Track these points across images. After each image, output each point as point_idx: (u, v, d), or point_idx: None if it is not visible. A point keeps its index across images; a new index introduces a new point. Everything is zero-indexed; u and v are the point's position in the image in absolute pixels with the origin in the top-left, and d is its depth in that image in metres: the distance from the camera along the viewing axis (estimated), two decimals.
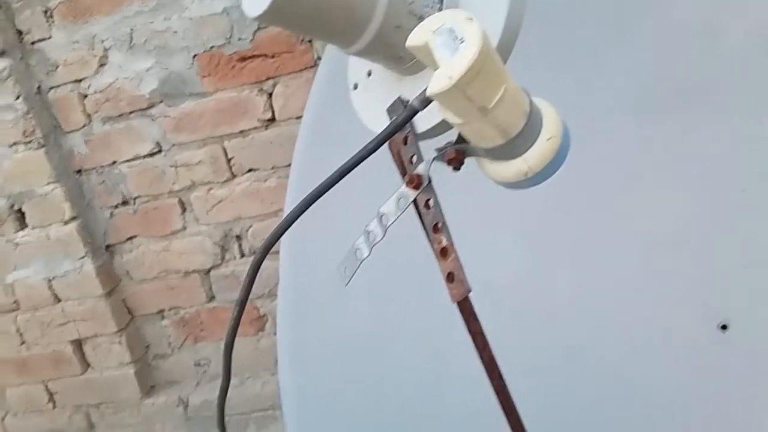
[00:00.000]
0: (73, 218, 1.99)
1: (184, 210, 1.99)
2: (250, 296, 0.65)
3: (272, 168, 1.90)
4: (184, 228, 2.01)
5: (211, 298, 2.08)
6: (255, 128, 1.87)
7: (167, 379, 2.19)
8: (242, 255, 2.02)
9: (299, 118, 1.71)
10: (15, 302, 2.12)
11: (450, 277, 0.58)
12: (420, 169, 0.61)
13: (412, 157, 0.62)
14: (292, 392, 1.29)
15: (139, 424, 2.14)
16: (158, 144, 1.93)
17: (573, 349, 1.01)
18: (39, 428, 2.25)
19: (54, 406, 2.23)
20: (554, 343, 1.03)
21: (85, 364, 2.16)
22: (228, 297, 2.07)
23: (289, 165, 1.36)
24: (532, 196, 1.04)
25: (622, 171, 0.98)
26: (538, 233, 1.06)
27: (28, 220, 2.02)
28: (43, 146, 1.92)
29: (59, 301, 2.08)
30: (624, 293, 1.01)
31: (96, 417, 2.20)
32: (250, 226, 1.98)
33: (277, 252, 1.36)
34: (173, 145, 1.92)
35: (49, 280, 2.06)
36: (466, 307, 0.66)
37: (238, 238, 1.99)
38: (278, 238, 0.61)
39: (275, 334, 1.96)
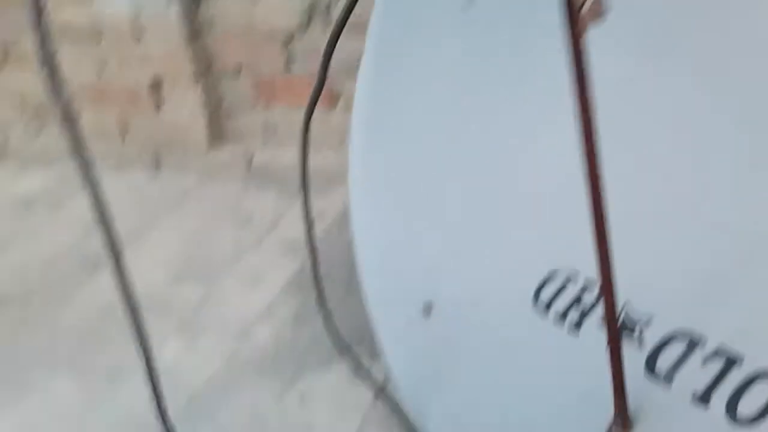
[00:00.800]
0: None
1: None
2: None
3: None
4: None
5: (290, 65, 2.07)
6: None
7: (235, 134, 2.25)
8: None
9: None
10: (99, 32, 2.14)
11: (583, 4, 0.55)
12: None
13: None
14: (360, 170, 1.32)
15: (203, 172, 2.23)
16: None
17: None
18: (107, 157, 2.36)
19: (124, 140, 2.33)
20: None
21: (160, 104, 2.22)
22: (305, 68, 2.06)
23: None
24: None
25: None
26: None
27: None
28: None
29: (142, 37, 2.10)
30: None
31: (163, 157, 2.30)
32: None
33: (362, 33, 1.32)
34: None
35: (136, 16, 2.06)
36: (580, 67, 0.62)
37: (327, 8, 1.94)
38: None
39: (346, 112, 1.97)
